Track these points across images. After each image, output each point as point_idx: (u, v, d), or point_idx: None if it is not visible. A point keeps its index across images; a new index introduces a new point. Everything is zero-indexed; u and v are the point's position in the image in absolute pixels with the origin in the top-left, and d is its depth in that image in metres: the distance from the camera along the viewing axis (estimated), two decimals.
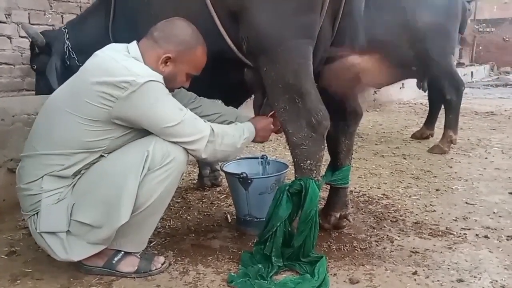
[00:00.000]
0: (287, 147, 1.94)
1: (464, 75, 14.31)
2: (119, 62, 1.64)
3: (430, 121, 4.86)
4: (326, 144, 1.96)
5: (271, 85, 1.83)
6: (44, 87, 2.94)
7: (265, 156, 2.56)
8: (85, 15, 2.94)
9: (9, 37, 3.40)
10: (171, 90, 1.75)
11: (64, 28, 2.88)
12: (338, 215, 2.28)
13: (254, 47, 1.80)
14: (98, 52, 1.73)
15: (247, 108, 2.56)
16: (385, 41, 3.35)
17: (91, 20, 2.77)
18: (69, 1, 3.78)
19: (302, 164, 1.85)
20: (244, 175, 2.22)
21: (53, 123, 1.69)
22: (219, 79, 2.12)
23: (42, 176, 1.66)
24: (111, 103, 1.59)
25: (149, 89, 1.60)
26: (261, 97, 2.02)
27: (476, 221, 2.50)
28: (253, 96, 2.21)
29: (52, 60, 2.81)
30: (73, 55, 2.80)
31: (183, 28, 1.76)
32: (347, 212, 2.30)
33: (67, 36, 2.81)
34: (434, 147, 4.27)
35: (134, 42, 1.76)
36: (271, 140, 3.87)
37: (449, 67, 4.19)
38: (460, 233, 2.31)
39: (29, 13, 3.50)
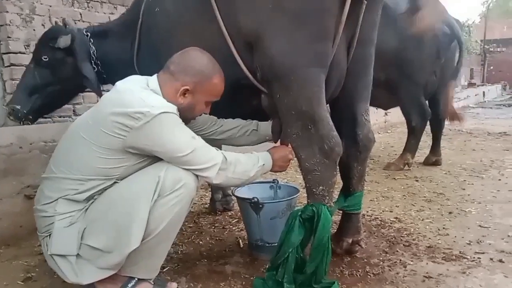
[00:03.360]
0: (299, 170, 1.96)
1: (476, 95, 14.30)
2: (136, 94, 1.69)
3: (433, 147, 4.78)
4: (338, 170, 1.97)
5: (284, 112, 1.87)
6: (35, 80, 2.89)
7: (276, 180, 2.58)
8: (108, 30, 2.88)
9: None
10: (192, 118, 1.82)
11: (86, 32, 2.85)
12: (350, 240, 2.27)
13: (268, 75, 1.85)
14: (119, 83, 1.80)
15: None
16: None
17: (115, 40, 2.79)
18: None
19: (314, 190, 1.86)
20: (255, 200, 2.24)
21: (71, 148, 1.74)
22: (236, 106, 2.17)
23: (57, 199, 1.70)
24: (125, 133, 1.64)
25: (162, 120, 1.65)
26: (279, 123, 2.06)
27: (490, 244, 2.47)
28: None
29: (85, 62, 2.78)
30: (98, 61, 2.80)
31: (198, 59, 1.82)
32: (359, 238, 2.29)
33: (91, 41, 2.80)
34: (390, 164, 4.54)
35: (155, 75, 1.83)
36: None
37: (417, 97, 4.32)
38: (474, 257, 2.28)
39: None
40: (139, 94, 1.69)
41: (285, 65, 1.79)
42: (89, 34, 2.84)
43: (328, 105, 2.08)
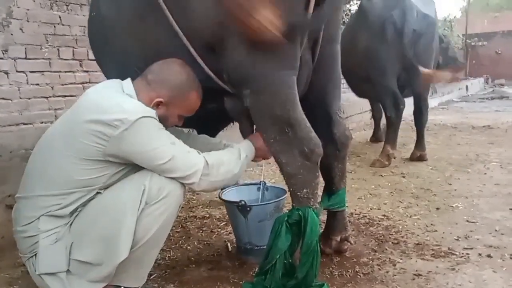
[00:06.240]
0: None
1: (459, 89, 14.46)
2: (111, 100, 1.64)
3: (417, 142, 4.83)
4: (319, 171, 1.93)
5: (258, 116, 1.82)
6: None
7: (263, 182, 2.55)
8: None
9: (6, 73, 3.41)
10: None
11: None
12: (338, 238, 2.27)
13: (236, 79, 1.79)
14: (90, 90, 1.74)
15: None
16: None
17: None
18: (64, 35, 3.81)
19: (298, 193, 1.83)
20: (243, 203, 2.21)
21: (47, 163, 1.68)
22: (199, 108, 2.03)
23: (39, 217, 1.65)
24: (104, 142, 1.59)
25: (141, 126, 1.60)
26: (248, 124, 2.00)
27: (478, 239, 2.48)
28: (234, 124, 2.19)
29: None
30: None
31: (177, 73, 1.76)
32: (347, 235, 2.29)
33: None
34: (375, 161, 4.55)
35: (129, 79, 1.77)
36: (269, 163, 3.89)
37: (388, 87, 4.50)
38: (463, 253, 2.29)
39: (25, 48, 3.52)
40: (115, 100, 1.64)
41: (254, 70, 1.73)
42: None
43: None
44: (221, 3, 1.59)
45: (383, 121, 5.69)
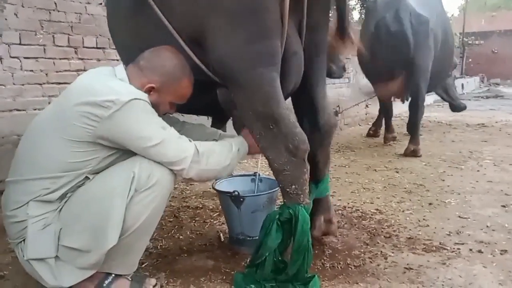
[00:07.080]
0: None
1: (455, 87, 14.50)
2: (103, 82, 1.63)
3: (412, 136, 4.88)
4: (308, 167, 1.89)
5: (242, 111, 1.82)
6: None
7: (257, 174, 2.55)
8: None
9: (0, 58, 3.39)
10: None
11: None
12: (322, 219, 2.27)
13: (220, 73, 1.79)
14: (81, 76, 1.74)
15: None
16: None
17: None
18: (60, 21, 3.76)
19: (288, 190, 1.82)
20: (236, 193, 2.21)
21: (37, 146, 1.66)
22: (193, 102, 1.99)
23: (28, 202, 1.63)
24: (95, 123, 1.58)
25: (132, 107, 1.59)
26: (239, 118, 1.98)
27: (469, 235, 2.49)
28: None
29: None
30: None
31: (169, 59, 1.75)
32: (330, 215, 2.30)
33: None
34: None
35: (121, 65, 1.76)
36: None
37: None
38: (454, 248, 2.30)
39: (20, 34, 3.48)
40: (106, 82, 1.63)
41: (232, 67, 1.72)
42: None
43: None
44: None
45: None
